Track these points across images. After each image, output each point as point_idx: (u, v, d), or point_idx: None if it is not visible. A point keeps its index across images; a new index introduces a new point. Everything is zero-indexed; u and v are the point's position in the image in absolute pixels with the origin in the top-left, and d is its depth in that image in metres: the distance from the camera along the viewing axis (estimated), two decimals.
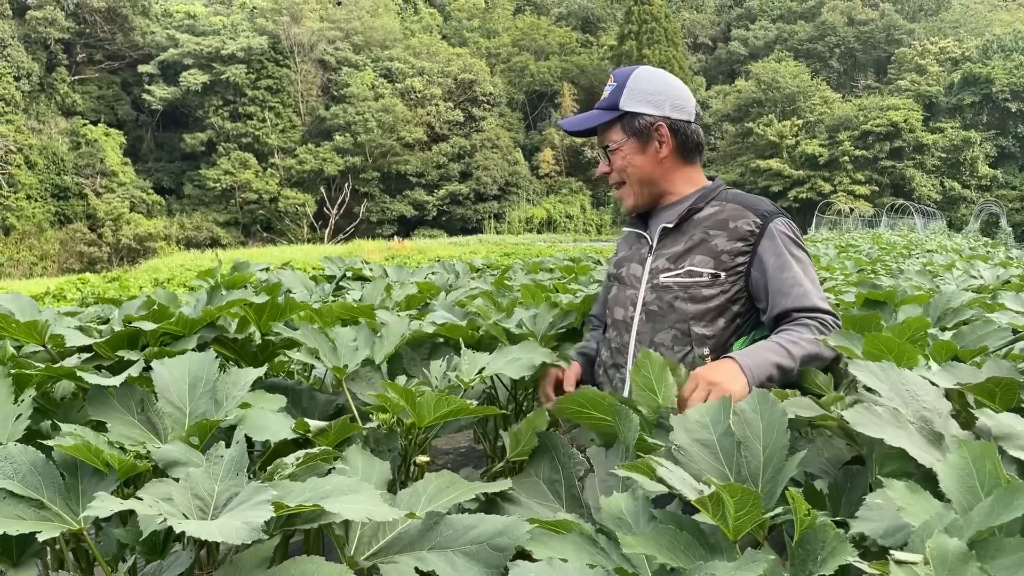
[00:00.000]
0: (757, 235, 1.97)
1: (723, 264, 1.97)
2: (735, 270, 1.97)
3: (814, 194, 50.89)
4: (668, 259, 2.05)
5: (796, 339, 1.84)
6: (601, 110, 2.12)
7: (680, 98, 2.10)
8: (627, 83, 2.09)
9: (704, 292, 1.98)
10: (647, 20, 54.19)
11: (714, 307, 1.97)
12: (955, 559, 0.82)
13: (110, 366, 1.84)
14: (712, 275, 1.97)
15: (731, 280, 1.98)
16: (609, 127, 2.11)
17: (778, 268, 1.94)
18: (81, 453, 1.27)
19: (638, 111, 2.07)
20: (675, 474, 1.13)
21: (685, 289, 1.99)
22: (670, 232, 2.08)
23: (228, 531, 1.00)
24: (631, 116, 2.07)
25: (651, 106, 2.07)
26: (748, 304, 2.01)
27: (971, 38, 57.32)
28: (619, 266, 2.22)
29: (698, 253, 2.00)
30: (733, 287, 1.98)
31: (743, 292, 1.99)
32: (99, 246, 44.57)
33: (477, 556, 1.24)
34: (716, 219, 2.02)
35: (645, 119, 2.06)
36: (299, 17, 52.78)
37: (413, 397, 1.58)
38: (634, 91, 2.08)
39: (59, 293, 16.73)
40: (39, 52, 49.56)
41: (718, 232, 2.00)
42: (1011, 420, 1.32)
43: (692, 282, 1.99)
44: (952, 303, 2.79)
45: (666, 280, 2.03)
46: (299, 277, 3.36)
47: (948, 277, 5.51)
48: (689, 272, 1.99)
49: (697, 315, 1.98)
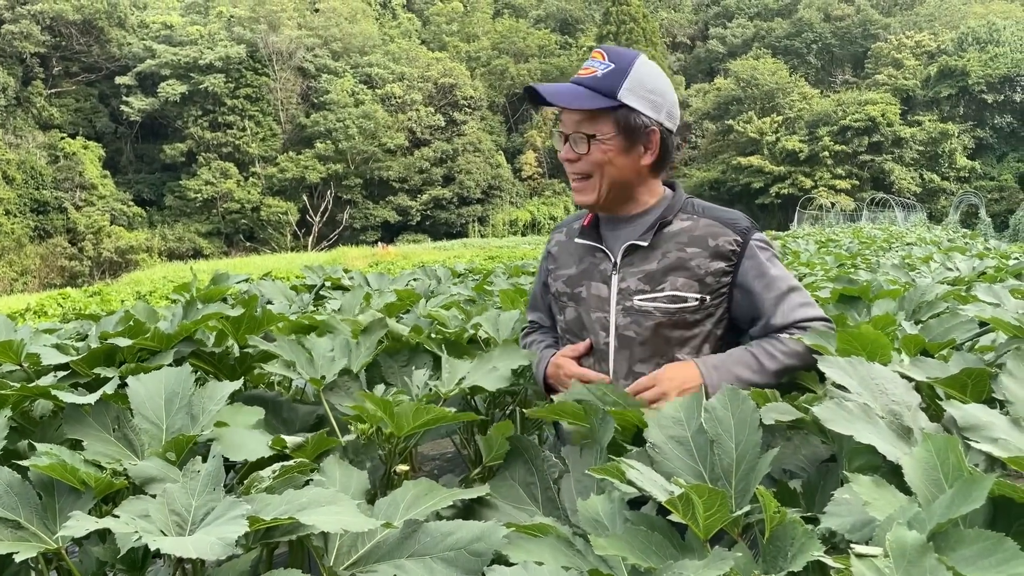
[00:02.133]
0: (739, 254, 1.85)
1: (708, 287, 1.85)
2: (719, 292, 1.87)
3: (795, 189, 51.19)
4: (641, 279, 1.88)
5: (774, 351, 1.78)
6: (591, 91, 1.85)
7: (675, 105, 1.92)
8: (630, 71, 1.84)
9: (689, 318, 1.85)
10: (625, 20, 54.44)
11: (700, 333, 1.87)
12: (914, 551, 0.83)
13: (87, 383, 1.84)
14: (698, 299, 1.85)
15: (715, 303, 1.87)
16: (598, 114, 1.85)
17: (765, 288, 1.84)
18: (57, 472, 1.28)
19: (637, 108, 1.84)
20: (645, 475, 1.14)
21: (669, 315, 1.85)
22: (638, 248, 1.90)
23: (203, 547, 1.01)
24: (627, 111, 1.84)
25: (651, 107, 1.86)
26: (729, 325, 1.92)
27: (946, 31, 57.84)
28: (573, 284, 1.99)
29: (680, 276, 1.85)
30: (718, 310, 1.88)
31: (726, 314, 1.90)
32: (80, 260, 44.22)
33: (455, 562, 1.25)
34: (691, 235, 1.88)
35: (641, 119, 1.85)
36: (277, 25, 52.59)
37: (391, 407, 1.59)
38: (636, 83, 1.84)
39: (40, 309, 16.60)
40: (15, 66, 49.12)
41: (697, 251, 1.86)
42: (977, 411, 1.34)
43: (677, 308, 1.84)
44: (926, 296, 2.81)
45: (643, 304, 1.87)
46: (279, 287, 3.36)
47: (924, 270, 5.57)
48: (673, 297, 1.85)
49: (682, 342, 1.87)
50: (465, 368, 1.99)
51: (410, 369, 2.13)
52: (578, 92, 1.87)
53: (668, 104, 1.90)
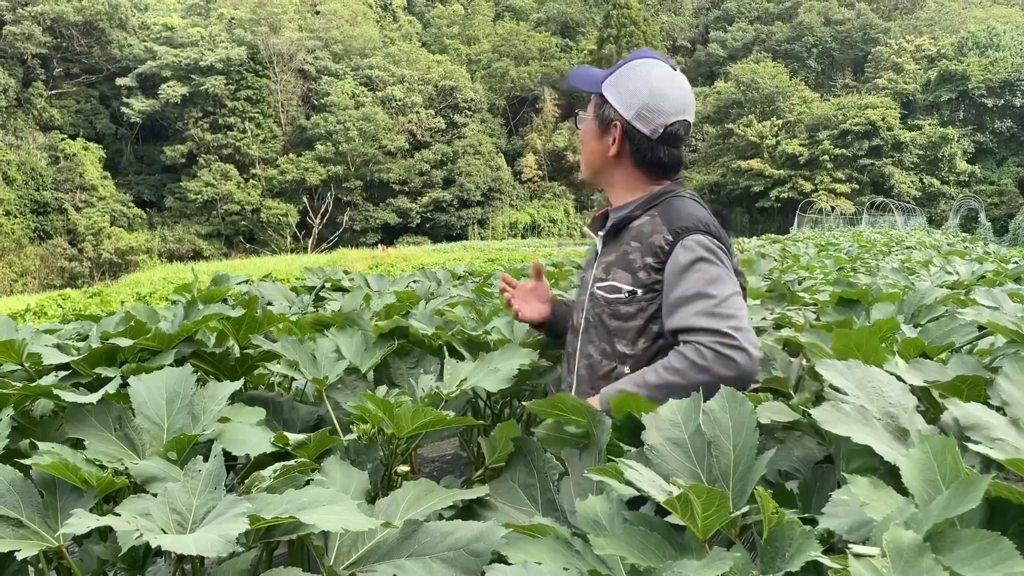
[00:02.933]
0: (667, 252, 1.86)
1: (639, 281, 1.88)
2: (651, 288, 1.87)
3: (795, 193, 51.25)
4: (602, 268, 1.98)
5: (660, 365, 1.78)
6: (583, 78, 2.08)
7: (652, 110, 1.93)
8: (621, 68, 2.01)
9: (623, 309, 1.90)
10: (626, 24, 54.50)
11: (633, 326, 1.89)
12: (911, 551, 0.84)
13: (88, 383, 1.85)
14: (630, 292, 1.89)
15: (647, 298, 1.88)
16: (590, 98, 2.07)
17: (672, 286, 1.83)
18: (59, 471, 1.28)
19: (609, 100, 1.99)
20: (644, 476, 1.15)
21: (608, 304, 1.92)
22: (610, 239, 2.01)
23: (204, 545, 1.01)
24: (601, 100, 2.02)
25: (620, 102, 1.96)
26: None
27: (946, 36, 57.95)
28: (582, 270, 2.19)
29: (620, 268, 1.92)
30: (651, 305, 1.88)
31: (659, 312, 1.88)
32: (80, 261, 44.18)
33: (455, 562, 1.26)
34: (640, 231, 1.92)
35: (609, 112, 1.98)
36: (278, 27, 52.62)
37: (392, 408, 1.60)
38: (619, 78, 1.99)
39: (40, 310, 16.59)
40: (15, 67, 49.13)
41: (636, 245, 1.91)
42: (977, 410, 1.35)
43: (613, 298, 1.91)
44: (925, 300, 2.82)
45: (597, 291, 1.96)
46: (279, 289, 3.36)
47: (924, 274, 5.58)
48: (612, 287, 1.92)
49: (619, 332, 1.91)
50: (467, 369, 2.00)
51: (419, 371, 2.14)
52: (580, 74, 2.11)
53: (644, 106, 1.93)
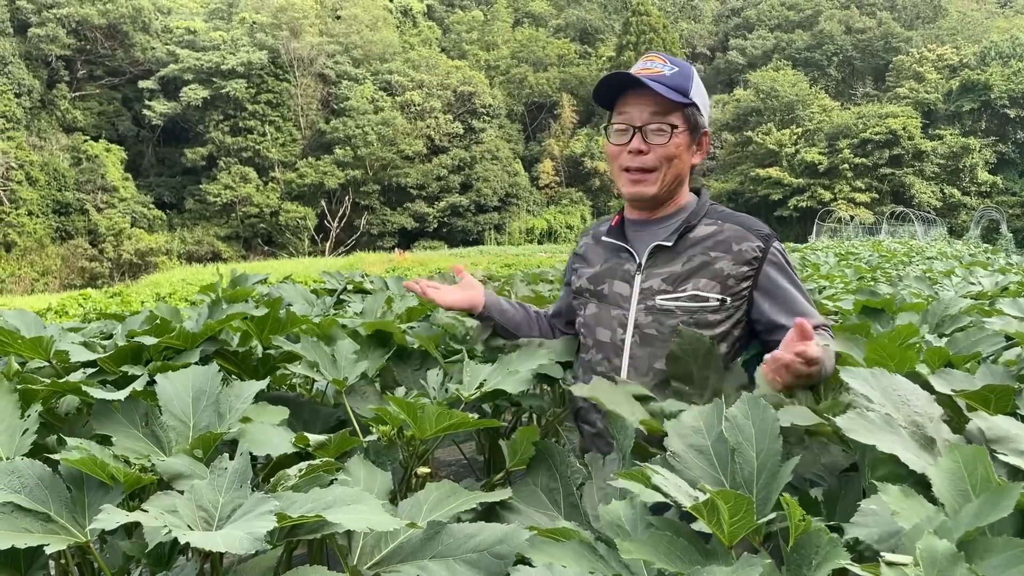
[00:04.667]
0: (760, 259, 1.94)
1: (729, 289, 1.93)
2: (740, 295, 1.94)
3: (814, 202, 50.94)
4: (665, 280, 1.97)
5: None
6: (667, 87, 1.93)
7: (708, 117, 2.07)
8: (693, 76, 1.99)
9: (710, 317, 1.93)
10: (645, 31, 54.40)
11: (719, 333, 1.93)
12: (944, 559, 0.83)
13: (114, 380, 1.86)
14: (719, 300, 1.92)
15: (735, 305, 1.94)
16: (671, 109, 1.95)
17: (783, 293, 1.93)
18: (87, 467, 1.29)
19: (700, 108, 1.99)
20: (670, 481, 1.14)
21: (691, 314, 1.93)
22: (663, 250, 1.99)
23: (232, 541, 1.02)
24: (695, 110, 1.98)
25: (705, 111, 2.02)
26: (746, 328, 1.99)
27: (968, 45, 57.44)
28: (596, 282, 2.09)
29: (702, 276, 1.94)
30: (738, 312, 1.95)
31: (744, 316, 1.96)
32: (100, 261, 44.64)
33: (478, 564, 1.26)
34: (716, 240, 1.96)
35: (702, 120, 2.00)
36: (298, 32, 52.99)
37: (415, 410, 1.60)
38: (699, 88, 2.00)
39: (61, 309, 16.77)
40: (40, 69, 49.77)
41: (721, 255, 1.94)
42: (1005, 423, 1.34)
43: (698, 307, 1.93)
44: (950, 310, 2.81)
45: (665, 303, 1.95)
46: (300, 291, 3.38)
47: (947, 284, 5.53)
48: (694, 296, 1.93)
49: None
50: (485, 371, 2.00)
51: (422, 372, 2.14)
52: (666, 80, 1.95)
53: (707, 114, 2.06)
